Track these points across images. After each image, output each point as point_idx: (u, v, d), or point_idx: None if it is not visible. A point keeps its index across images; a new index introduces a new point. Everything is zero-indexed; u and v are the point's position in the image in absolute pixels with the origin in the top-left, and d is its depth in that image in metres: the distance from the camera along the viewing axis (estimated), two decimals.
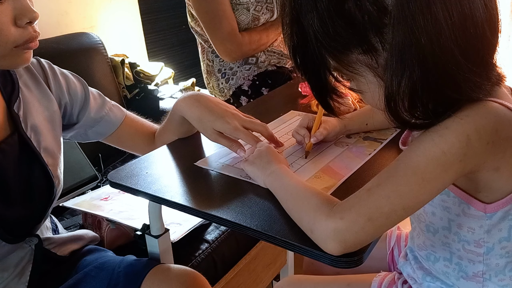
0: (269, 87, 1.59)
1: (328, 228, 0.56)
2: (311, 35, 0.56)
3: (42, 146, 0.83)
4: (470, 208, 0.61)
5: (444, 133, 0.53)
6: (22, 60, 0.75)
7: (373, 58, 0.55)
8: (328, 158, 0.82)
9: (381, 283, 0.81)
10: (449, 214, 0.64)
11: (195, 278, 0.85)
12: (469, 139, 0.52)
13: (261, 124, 0.86)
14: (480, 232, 0.62)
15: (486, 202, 0.60)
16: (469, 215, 0.62)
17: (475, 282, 0.67)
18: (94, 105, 0.95)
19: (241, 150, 0.81)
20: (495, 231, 0.62)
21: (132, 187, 0.76)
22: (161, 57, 2.27)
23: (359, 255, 0.56)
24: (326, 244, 0.56)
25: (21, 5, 0.70)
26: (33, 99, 0.85)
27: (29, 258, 0.83)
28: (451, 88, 0.53)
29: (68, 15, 1.76)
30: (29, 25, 0.72)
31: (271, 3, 1.61)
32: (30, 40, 0.73)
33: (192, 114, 0.86)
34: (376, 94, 0.58)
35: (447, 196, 0.63)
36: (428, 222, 0.68)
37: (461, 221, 0.63)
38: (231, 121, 0.82)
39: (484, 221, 0.61)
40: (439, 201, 0.64)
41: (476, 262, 0.65)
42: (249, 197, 0.70)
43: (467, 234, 0.64)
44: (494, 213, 0.60)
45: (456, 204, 0.63)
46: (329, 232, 0.56)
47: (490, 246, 0.63)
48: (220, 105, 0.86)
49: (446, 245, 0.67)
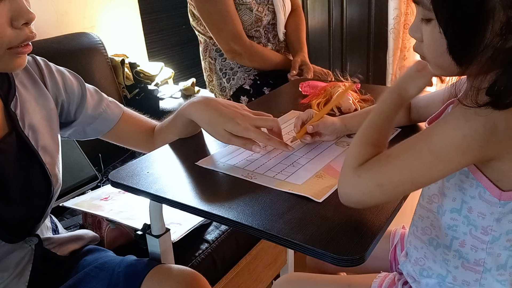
0: (271, 86, 1.59)
1: (347, 180, 0.62)
2: None
3: (40, 144, 0.83)
4: (486, 193, 0.61)
5: (471, 117, 0.53)
6: (16, 64, 0.74)
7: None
8: (329, 158, 0.82)
9: (381, 284, 0.81)
10: (463, 196, 0.64)
11: (195, 278, 0.84)
12: (495, 127, 0.52)
13: (272, 119, 0.87)
14: (490, 219, 0.62)
15: (502, 190, 0.60)
16: (483, 199, 0.62)
17: (474, 272, 0.67)
18: (91, 102, 0.95)
19: (256, 146, 0.82)
20: (505, 221, 0.62)
21: (133, 186, 0.76)
22: (161, 57, 2.27)
23: (360, 254, 0.56)
24: (339, 189, 0.63)
25: (17, 6, 0.70)
26: (30, 97, 0.84)
27: (29, 258, 0.83)
28: None
29: (68, 15, 1.76)
30: (26, 26, 0.72)
31: (272, 5, 1.61)
32: (26, 41, 0.73)
33: (202, 117, 0.86)
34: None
35: (466, 177, 0.62)
36: (440, 203, 0.67)
37: (473, 205, 0.63)
38: (242, 122, 0.83)
39: (496, 208, 0.61)
40: (456, 181, 0.64)
41: (479, 250, 0.65)
42: (250, 196, 0.70)
43: (477, 219, 0.63)
44: (508, 202, 0.60)
45: (473, 187, 0.62)
46: (346, 183, 0.62)
47: (497, 236, 0.63)
48: (230, 107, 0.86)
49: (452, 228, 0.66)
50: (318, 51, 1.69)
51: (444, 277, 0.70)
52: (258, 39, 1.63)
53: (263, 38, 1.64)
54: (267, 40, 1.65)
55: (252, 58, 1.57)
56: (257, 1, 1.57)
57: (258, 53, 1.57)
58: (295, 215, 0.64)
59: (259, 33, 1.62)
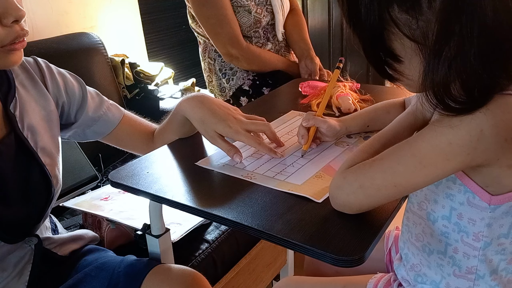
0: (270, 87, 1.59)
1: (334, 181, 0.63)
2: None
3: (39, 146, 0.83)
4: (475, 198, 0.60)
5: (456, 124, 0.52)
6: (11, 61, 0.73)
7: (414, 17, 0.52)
8: (329, 158, 0.82)
9: (376, 284, 0.80)
10: (452, 202, 0.63)
11: (195, 278, 0.85)
12: (483, 134, 0.51)
13: (263, 123, 0.86)
14: (480, 225, 0.62)
15: (492, 194, 0.59)
16: (473, 204, 0.61)
17: (466, 280, 0.66)
18: (92, 104, 0.95)
19: (237, 155, 0.82)
20: (496, 226, 0.61)
21: (133, 186, 0.76)
22: (161, 57, 2.27)
23: (360, 255, 0.56)
24: (329, 192, 0.64)
25: (6, 3, 0.69)
26: (30, 98, 0.84)
27: (28, 258, 0.83)
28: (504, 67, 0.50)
29: (68, 15, 1.76)
30: (16, 23, 0.71)
31: (270, 5, 1.61)
32: (17, 39, 0.72)
33: (195, 115, 0.86)
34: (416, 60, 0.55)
35: (453, 183, 0.62)
36: (430, 210, 0.67)
37: (462, 211, 0.63)
38: (233, 124, 0.82)
39: (487, 213, 0.60)
40: (444, 188, 0.64)
41: (471, 257, 0.65)
42: (250, 197, 0.70)
43: (468, 225, 0.63)
44: (498, 206, 0.60)
45: (461, 192, 0.62)
46: (333, 184, 0.63)
47: (488, 241, 0.63)
48: (224, 108, 0.86)
49: (445, 235, 0.66)
50: (318, 51, 1.69)
51: (437, 284, 0.70)
52: (257, 40, 1.63)
53: (262, 38, 1.64)
54: (267, 40, 1.65)
55: (249, 62, 1.57)
56: (255, 2, 1.57)
57: (256, 56, 1.57)
58: (294, 216, 0.64)
59: (258, 34, 1.62)
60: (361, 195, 0.60)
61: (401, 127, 0.70)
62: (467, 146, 0.52)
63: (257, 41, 1.63)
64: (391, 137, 0.68)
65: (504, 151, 0.53)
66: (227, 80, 1.64)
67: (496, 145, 0.52)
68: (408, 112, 0.72)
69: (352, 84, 1.15)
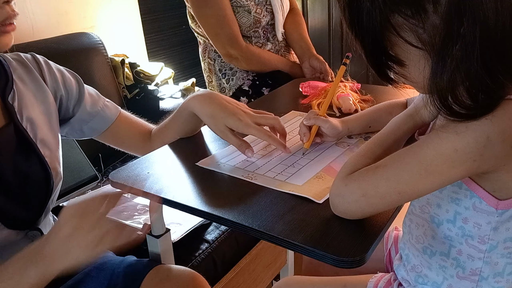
0: (269, 87, 1.59)
1: (335, 187, 0.62)
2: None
3: (39, 137, 0.83)
4: (482, 203, 0.60)
5: (462, 130, 0.51)
6: (1, 43, 0.74)
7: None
8: (329, 158, 0.82)
9: (376, 284, 0.80)
10: (457, 207, 0.63)
11: (195, 279, 0.84)
12: (490, 140, 0.50)
13: (273, 117, 0.87)
14: (486, 229, 0.61)
15: (499, 199, 0.59)
16: (479, 209, 0.61)
17: (469, 282, 0.66)
18: (89, 100, 0.95)
19: (249, 150, 0.82)
20: (502, 229, 0.61)
21: (133, 187, 0.76)
22: (161, 57, 2.27)
23: (361, 255, 0.56)
24: (330, 198, 0.62)
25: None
26: (28, 93, 0.85)
27: None
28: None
29: (68, 15, 1.76)
30: (6, 4, 0.71)
31: (270, 5, 1.61)
32: (8, 19, 0.72)
33: (205, 110, 0.86)
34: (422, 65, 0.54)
35: (459, 188, 0.61)
36: (433, 213, 0.67)
37: (468, 216, 0.62)
38: (243, 118, 0.83)
39: (494, 218, 0.60)
40: (449, 192, 0.63)
41: (475, 259, 0.64)
42: (251, 197, 0.70)
43: (473, 230, 0.62)
44: (505, 210, 0.59)
45: (468, 197, 0.61)
46: (334, 191, 0.62)
47: (494, 244, 0.62)
48: (233, 103, 0.87)
49: (448, 238, 0.66)
50: (318, 51, 1.69)
51: (439, 285, 0.70)
52: (257, 40, 1.63)
53: (261, 38, 1.64)
54: (267, 40, 1.65)
55: (249, 62, 1.57)
56: (255, 2, 1.57)
57: (255, 57, 1.57)
58: (295, 216, 0.64)
59: (258, 34, 1.62)
60: (363, 204, 0.58)
61: (400, 130, 0.70)
62: (473, 153, 0.51)
63: (257, 41, 1.63)
64: (392, 142, 0.68)
65: (511, 157, 0.53)
66: (227, 80, 1.64)
67: (503, 151, 0.52)
68: (406, 114, 0.72)
69: (352, 85, 1.15)
